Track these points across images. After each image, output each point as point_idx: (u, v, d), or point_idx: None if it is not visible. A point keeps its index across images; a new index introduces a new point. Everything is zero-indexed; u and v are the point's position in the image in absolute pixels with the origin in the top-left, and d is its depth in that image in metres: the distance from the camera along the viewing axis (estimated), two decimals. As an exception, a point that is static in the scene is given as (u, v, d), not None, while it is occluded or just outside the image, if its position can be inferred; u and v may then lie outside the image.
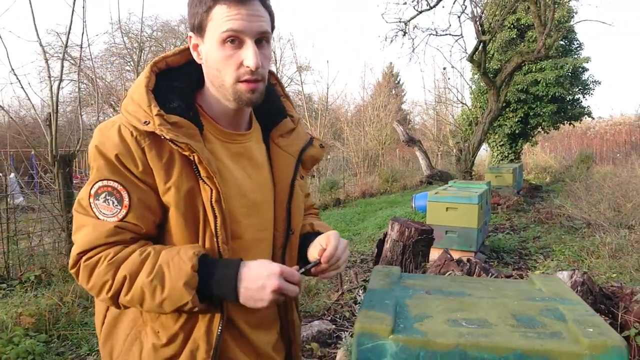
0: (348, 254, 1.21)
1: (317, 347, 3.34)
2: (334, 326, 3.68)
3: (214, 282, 1.04)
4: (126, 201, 1.04)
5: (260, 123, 1.29)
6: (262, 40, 1.09)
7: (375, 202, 11.90)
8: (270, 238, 1.23)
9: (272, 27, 1.13)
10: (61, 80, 5.60)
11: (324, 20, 59.42)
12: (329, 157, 15.06)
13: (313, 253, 1.20)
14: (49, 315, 3.67)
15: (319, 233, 1.30)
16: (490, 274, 3.60)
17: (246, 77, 1.08)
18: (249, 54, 1.06)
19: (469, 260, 3.88)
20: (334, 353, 3.28)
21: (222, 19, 1.04)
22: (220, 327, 1.09)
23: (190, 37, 1.13)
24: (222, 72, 1.09)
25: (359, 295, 4.06)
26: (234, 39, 1.05)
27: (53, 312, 3.74)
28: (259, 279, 1.02)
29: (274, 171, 1.25)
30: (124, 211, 1.04)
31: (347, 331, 3.51)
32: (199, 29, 1.08)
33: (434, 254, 4.84)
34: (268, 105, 1.24)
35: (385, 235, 4.67)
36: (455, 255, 4.69)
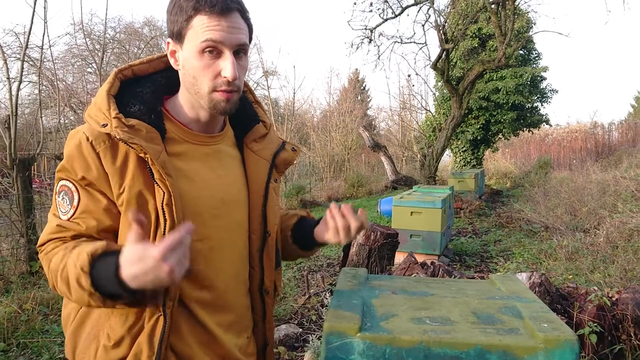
0: (365, 223, 1.23)
1: (285, 350, 3.35)
2: (300, 330, 3.71)
3: (103, 278, 0.96)
4: (75, 202, 1.07)
5: (234, 129, 1.31)
6: (240, 51, 1.11)
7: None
8: (240, 240, 1.24)
9: (250, 39, 1.15)
10: (20, 81, 5.45)
11: (290, 25, 59.53)
12: (295, 162, 15.08)
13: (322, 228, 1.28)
14: (8, 323, 3.56)
15: (314, 219, 1.38)
16: (453, 276, 3.69)
17: (223, 88, 1.10)
18: (227, 65, 1.08)
19: (432, 263, 3.97)
20: (301, 356, 3.30)
21: (202, 29, 1.06)
22: (162, 332, 1.08)
23: (169, 43, 1.14)
24: (199, 81, 1.10)
25: (326, 299, 4.10)
26: (213, 49, 1.07)
27: (12, 320, 3.64)
28: (135, 253, 0.90)
29: (249, 175, 1.27)
30: (72, 211, 1.07)
31: (314, 334, 3.54)
32: (178, 36, 1.10)
33: (399, 257, 4.94)
34: (240, 112, 1.27)
35: (351, 239, 4.72)
36: (420, 258, 4.78)
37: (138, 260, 0.88)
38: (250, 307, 1.29)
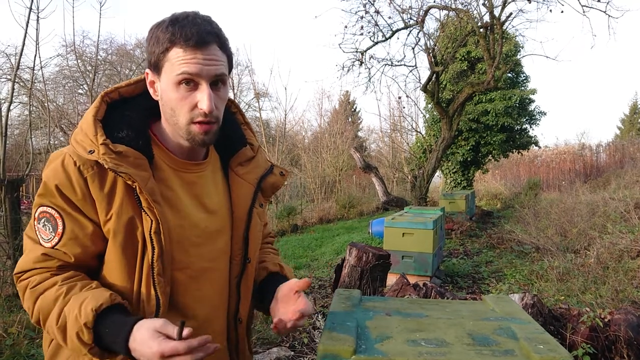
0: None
1: (276, 374, 3.30)
2: (292, 352, 3.66)
3: (108, 340, 0.99)
4: (60, 229, 1.05)
5: (220, 151, 1.30)
6: (218, 82, 1.10)
7: (332, 228, 11.96)
8: (223, 267, 1.22)
9: (230, 68, 1.14)
10: (11, 102, 5.44)
11: (282, 47, 60.15)
12: (286, 183, 15.09)
13: (286, 292, 1.18)
14: (-8, 347, 3.48)
15: (286, 277, 1.29)
16: (445, 298, 3.67)
17: (199, 119, 1.09)
18: (203, 97, 1.07)
19: (425, 284, 3.95)
20: (293, 380, 3.25)
21: (177, 62, 1.05)
22: None
23: (147, 73, 1.13)
24: (177, 112, 1.09)
25: (318, 321, 4.06)
26: (189, 81, 1.06)
27: (-4, 344, 3.56)
28: (148, 341, 0.96)
29: (233, 199, 1.25)
30: (56, 238, 1.05)
31: (305, 357, 3.49)
32: (156, 67, 1.09)
33: (391, 279, 4.91)
34: (228, 133, 1.25)
35: (343, 260, 4.70)
36: (412, 279, 4.76)
37: (147, 348, 0.94)
38: (227, 338, 1.26)
